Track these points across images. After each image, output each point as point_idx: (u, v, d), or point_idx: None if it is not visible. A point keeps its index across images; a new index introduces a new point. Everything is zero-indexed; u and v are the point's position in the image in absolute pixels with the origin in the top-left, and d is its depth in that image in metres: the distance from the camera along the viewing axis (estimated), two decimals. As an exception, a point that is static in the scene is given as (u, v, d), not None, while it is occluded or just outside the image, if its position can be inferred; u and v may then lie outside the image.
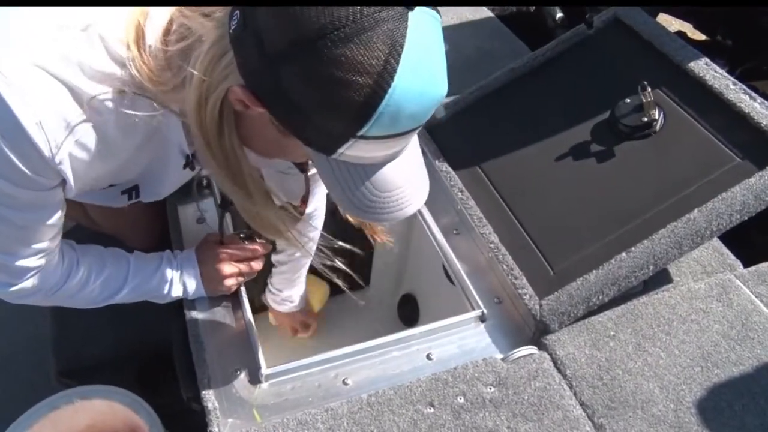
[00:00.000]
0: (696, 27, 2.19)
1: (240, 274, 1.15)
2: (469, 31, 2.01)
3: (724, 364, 1.09)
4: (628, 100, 1.27)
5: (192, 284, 1.12)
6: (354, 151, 0.67)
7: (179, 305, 1.16)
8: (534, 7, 2.22)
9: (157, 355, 1.36)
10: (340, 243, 0.99)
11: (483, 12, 2.12)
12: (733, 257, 1.29)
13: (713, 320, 1.15)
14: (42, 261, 0.90)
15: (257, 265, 1.16)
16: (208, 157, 0.78)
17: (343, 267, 1.09)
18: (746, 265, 1.29)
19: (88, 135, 0.77)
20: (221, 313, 1.15)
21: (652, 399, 1.03)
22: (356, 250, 1.00)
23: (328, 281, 1.61)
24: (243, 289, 1.16)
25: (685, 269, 1.26)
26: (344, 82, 0.61)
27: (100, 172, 0.84)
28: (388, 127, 0.65)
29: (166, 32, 0.74)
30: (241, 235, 1.16)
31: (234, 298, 1.16)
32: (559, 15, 2.23)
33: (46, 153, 0.73)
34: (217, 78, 0.70)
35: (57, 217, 0.86)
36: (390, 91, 0.62)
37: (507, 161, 1.35)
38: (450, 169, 1.39)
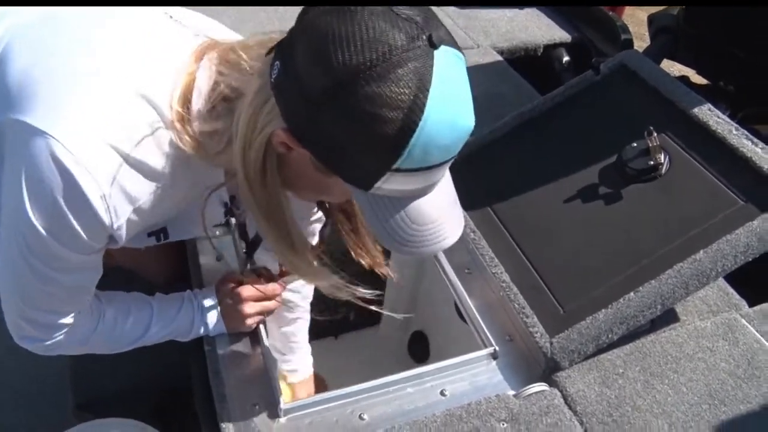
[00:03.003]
0: (699, 72, 2.26)
1: (260, 313, 1.18)
2: (478, 75, 2.08)
3: (731, 402, 1.11)
4: (635, 144, 1.31)
5: (213, 324, 1.15)
6: (390, 184, 0.72)
7: (199, 340, 1.19)
8: (541, 51, 2.29)
9: (173, 389, 1.39)
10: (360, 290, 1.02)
11: (492, 56, 2.19)
12: (738, 297, 1.32)
13: (720, 359, 1.18)
14: (77, 317, 0.96)
15: (276, 303, 1.19)
16: (252, 205, 0.83)
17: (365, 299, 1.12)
18: (751, 304, 1.32)
19: (144, 201, 0.84)
20: (240, 349, 1.18)
21: (661, 436, 1.06)
22: (366, 292, 1.04)
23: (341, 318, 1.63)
24: (261, 325, 1.20)
25: (691, 308, 1.29)
26: (378, 118, 0.66)
27: (146, 226, 0.92)
28: (421, 159, 0.70)
29: (210, 94, 0.82)
30: (263, 270, 1.19)
31: (253, 334, 1.20)
32: (566, 59, 2.30)
33: (107, 222, 0.80)
34: (261, 124, 0.76)
35: (97, 277, 0.93)
36: (421, 124, 0.66)
37: (517, 202, 1.39)
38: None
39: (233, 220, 1.03)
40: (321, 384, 1.54)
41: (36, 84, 0.80)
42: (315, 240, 1.05)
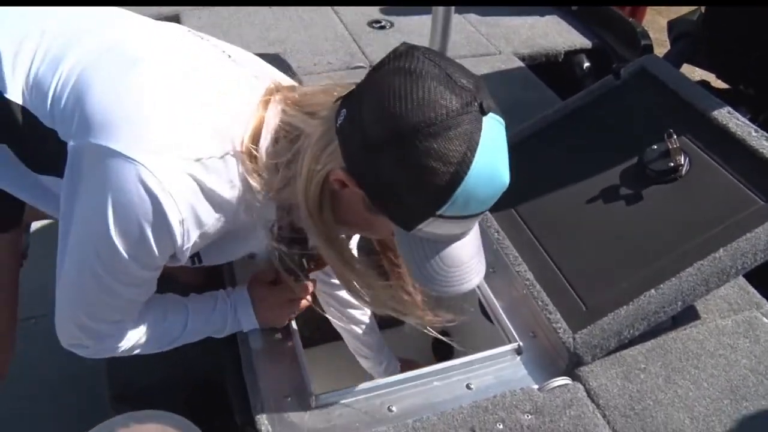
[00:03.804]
0: (719, 77, 2.27)
1: (291, 310, 1.22)
2: (501, 81, 2.12)
3: (752, 398, 1.13)
4: (655, 147, 1.34)
5: (247, 321, 1.18)
6: (431, 228, 0.81)
7: (232, 336, 1.23)
8: (562, 57, 2.32)
9: (206, 382, 1.44)
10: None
11: (514, 62, 2.22)
12: (759, 296, 1.34)
13: (741, 355, 1.20)
14: (126, 325, 1.03)
15: (307, 300, 1.23)
16: (313, 231, 0.93)
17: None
18: (772, 303, 1.34)
19: (209, 226, 0.92)
20: (273, 343, 1.22)
21: (682, 429, 1.08)
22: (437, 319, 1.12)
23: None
24: (294, 321, 1.24)
25: (712, 307, 1.31)
26: (431, 169, 0.75)
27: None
28: (462, 208, 0.79)
29: (276, 133, 0.91)
30: (293, 273, 1.23)
31: (285, 329, 1.24)
32: (587, 64, 2.33)
33: (179, 244, 0.88)
34: (323, 162, 0.85)
35: (154, 289, 1.01)
36: (466, 178, 0.76)
37: (540, 204, 1.43)
38: (486, 211, 1.47)
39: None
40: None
41: (118, 112, 0.86)
42: None
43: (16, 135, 0.96)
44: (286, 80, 1.04)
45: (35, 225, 1.17)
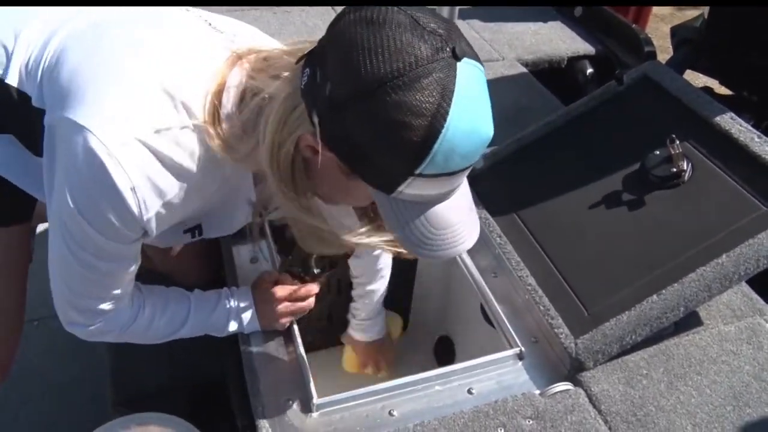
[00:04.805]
0: (722, 83, 2.28)
1: (293, 313, 1.22)
2: (504, 87, 2.12)
3: (755, 404, 1.13)
4: (658, 152, 1.34)
5: (248, 320, 1.19)
6: (412, 189, 0.76)
7: (234, 338, 1.23)
8: (565, 64, 2.33)
9: (209, 385, 1.44)
10: None
11: (518, 68, 2.23)
12: (762, 302, 1.34)
13: (744, 362, 1.20)
14: (118, 304, 1.01)
15: (310, 303, 1.24)
16: (285, 204, 0.88)
17: None
18: (775, 310, 1.33)
19: (173, 196, 0.88)
20: (274, 347, 1.22)
21: (684, 435, 1.08)
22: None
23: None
24: (295, 324, 1.24)
25: (715, 313, 1.31)
26: (403, 125, 0.69)
27: (176, 221, 0.97)
28: (443, 165, 0.73)
29: (240, 98, 0.87)
30: (298, 271, 1.24)
31: (287, 332, 1.24)
32: (590, 71, 2.34)
33: (137, 213, 0.85)
34: (290, 128, 0.80)
35: (134, 267, 0.99)
36: (443, 131, 0.70)
37: (543, 208, 1.43)
38: (489, 216, 1.47)
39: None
40: (389, 353, 1.57)
41: (80, 83, 0.86)
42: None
43: (17, 122, 0.97)
44: (272, 44, 0.99)
45: (40, 228, 1.17)
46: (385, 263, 1.39)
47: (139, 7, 1.01)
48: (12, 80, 0.95)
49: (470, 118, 0.72)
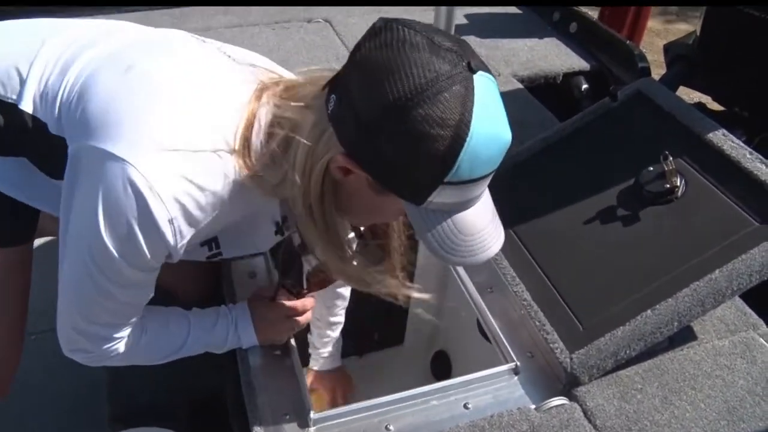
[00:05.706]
0: (714, 99, 2.30)
1: (291, 327, 1.23)
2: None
3: (750, 419, 1.14)
4: (651, 168, 1.36)
5: (246, 337, 1.20)
6: (441, 197, 0.80)
7: (232, 353, 1.24)
8: (561, 79, 2.35)
9: (207, 400, 1.44)
10: None
11: (514, 84, 2.25)
12: (756, 317, 1.35)
13: (738, 376, 1.20)
14: (125, 331, 1.02)
15: (307, 318, 1.24)
16: (312, 229, 0.92)
17: None
18: (769, 324, 1.34)
19: (205, 225, 0.92)
20: (272, 361, 1.23)
21: (679, 450, 1.09)
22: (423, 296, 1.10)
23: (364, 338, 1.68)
24: (292, 339, 1.25)
25: (709, 327, 1.32)
26: (430, 137, 0.74)
27: (197, 241, 0.99)
28: (469, 172, 0.78)
29: (268, 129, 0.90)
30: (292, 290, 1.25)
31: (284, 347, 1.25)
32: (585, 86, 2.36)
33: (172, 243, 0.88)
34: (320, 153, 0.84)
35: (150, 295, 1.00)
36: (468, 139, 0.75)
37: (538, 224, 1.44)
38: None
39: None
40: (348, 382, 1.58)
41: (113, 116, 0.87)
42: None
43: (32, 146, 0.99)
44: (285, 73, 1.03)
45: (37, 242, 1.18)
46: (344, 295, 1.44)
47: (151, 33, 1.04)
48: (26, 107, 0.95)
49: (490, 124, 0.77)
